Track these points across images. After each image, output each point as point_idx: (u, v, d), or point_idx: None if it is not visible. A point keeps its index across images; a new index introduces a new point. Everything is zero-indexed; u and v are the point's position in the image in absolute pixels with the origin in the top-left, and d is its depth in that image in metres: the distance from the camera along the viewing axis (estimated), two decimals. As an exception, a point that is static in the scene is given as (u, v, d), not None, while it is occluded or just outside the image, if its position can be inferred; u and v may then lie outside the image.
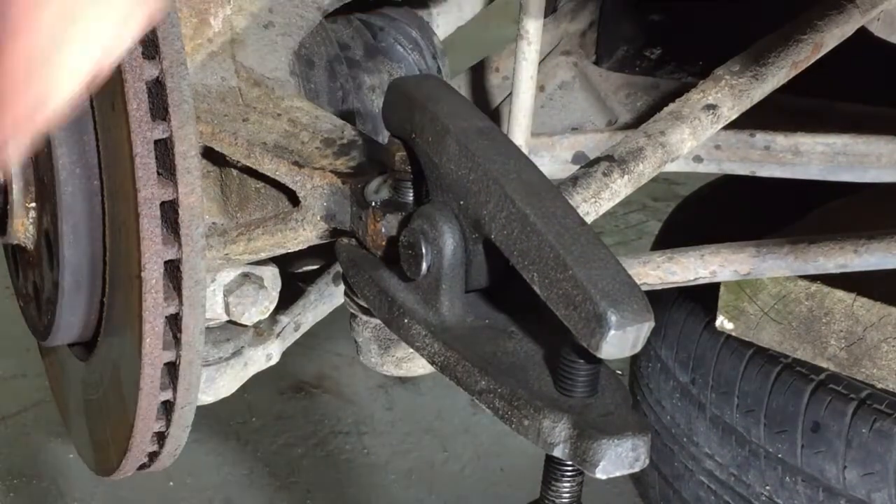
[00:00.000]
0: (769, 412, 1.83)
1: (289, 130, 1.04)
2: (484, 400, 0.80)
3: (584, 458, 0.74)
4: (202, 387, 1.03)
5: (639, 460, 0.74)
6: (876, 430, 1.71)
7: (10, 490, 2.60)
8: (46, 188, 0.95)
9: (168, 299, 0.87)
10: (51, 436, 2.71)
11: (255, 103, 1.05)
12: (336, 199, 1.01)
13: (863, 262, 1.38)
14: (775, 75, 1.24)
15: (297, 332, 1.25)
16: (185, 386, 0.91)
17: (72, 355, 1.07)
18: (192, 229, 0.86)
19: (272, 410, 2.89)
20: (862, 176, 1.38)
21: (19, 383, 2.91)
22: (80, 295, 0.96)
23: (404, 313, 0.88)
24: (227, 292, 1.08)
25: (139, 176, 0.84)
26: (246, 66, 1.07)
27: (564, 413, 0.75)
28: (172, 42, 0.84)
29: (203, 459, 2.67)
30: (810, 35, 1.25)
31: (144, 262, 0.85)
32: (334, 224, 1.02)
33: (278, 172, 1.02)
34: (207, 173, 1.08)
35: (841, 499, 1.77)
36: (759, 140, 1.35)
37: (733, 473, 1.93)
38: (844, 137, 1.37)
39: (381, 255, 0.95)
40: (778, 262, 1.39)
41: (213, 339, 1.14)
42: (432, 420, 2.84)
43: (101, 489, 2.53)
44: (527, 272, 0.78)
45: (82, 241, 0.93)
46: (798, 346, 1.70)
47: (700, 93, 1.23)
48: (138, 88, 0.83)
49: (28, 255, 1.03)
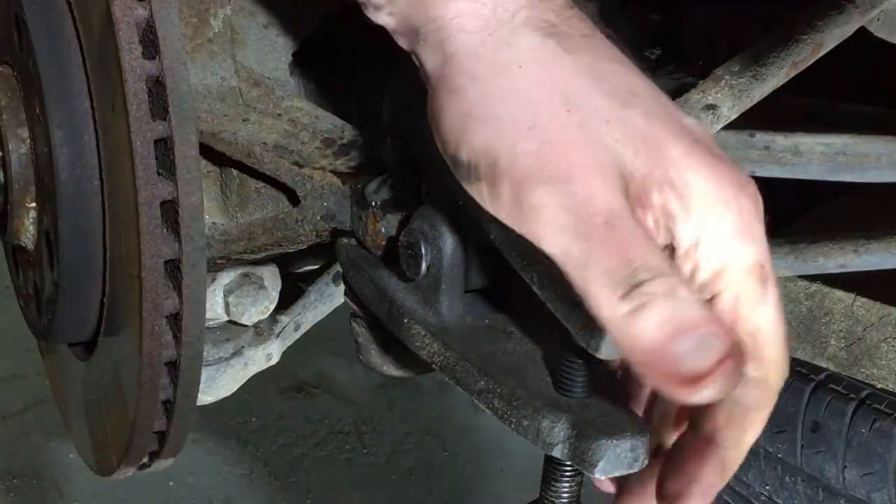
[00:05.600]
0: (769, 412, 1.82)
1: (289, 130, 1.04)
2: (483, 400, 0.80)
3: (582, 458, 0.74)
4: (202, 387, 1.03)
5: (637, 460, 0.74)
6: (876, 429, 1.71)
7: (10, 490, 2.60)
8: (46, 188, 0.95)
9: (168, 299, 0.87)
10: (51, 436, 2.72)
11: (255, 103, 1.05)
12: (336, 199, 1.02)
13: (863, 262, 1.38)
14: (775, 75, 1.24)
15: (297, 332, 1.25)
16: (185, 386, 0.91)
17: (72, 355, 1.07)
18: (193, 229, 0.85)
19: (272, 410, 2.90)
20: (862, 176, 1.38)
21: (19, 383, 2.91)
22: (80, 295, 0.96)
23: (404, 313, 0.89)
24: (227, 292, 1.08)
25: (139, 176, 0.84)
26: (246, 66, 1.07)
27: (563, 413, 0.75)
28: (172, 42, 0.84)
29: (203, 459, 2.67)
30: (810, 35, 1.25)
31: (144, 262, 0.85)
32: (334, 224, 1.02)
33: (278, 172, 1.02)
34: (207, 173, 1.08)
35: (841, 498, 1.77)
36: (758, 140, 1.35)
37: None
38: (844, 137, 1.37)
39: (381, 255, 0.95)
40: (778, 262, 1.39)
41: (213, 339, 1.14)
42: (432, 420, 2.84)
43: (101, 489, 2.54)
44: (526, 272, 0.78)
45: (82, 241, 0.93)
46: (798, 346, 1.70)
47: (700, 93, 1.23)
48: (138, 88, 0.83)
49: (28, 255, 1.03)
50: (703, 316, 0.68)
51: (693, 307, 0.68)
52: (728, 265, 0.74)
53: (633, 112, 0.73)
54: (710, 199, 0.73)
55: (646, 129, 0.73)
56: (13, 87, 0.99)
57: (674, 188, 0.73)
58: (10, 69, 1.00)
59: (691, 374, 0.66)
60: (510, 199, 0.72)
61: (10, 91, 0.99)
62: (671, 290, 0.67)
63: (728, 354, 0.67)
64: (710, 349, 0.67)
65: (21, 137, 0.97)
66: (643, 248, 0.69)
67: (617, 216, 0.70)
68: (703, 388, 0.67)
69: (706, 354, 0.66)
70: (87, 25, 0.90)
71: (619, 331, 0.68)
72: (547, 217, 0.70)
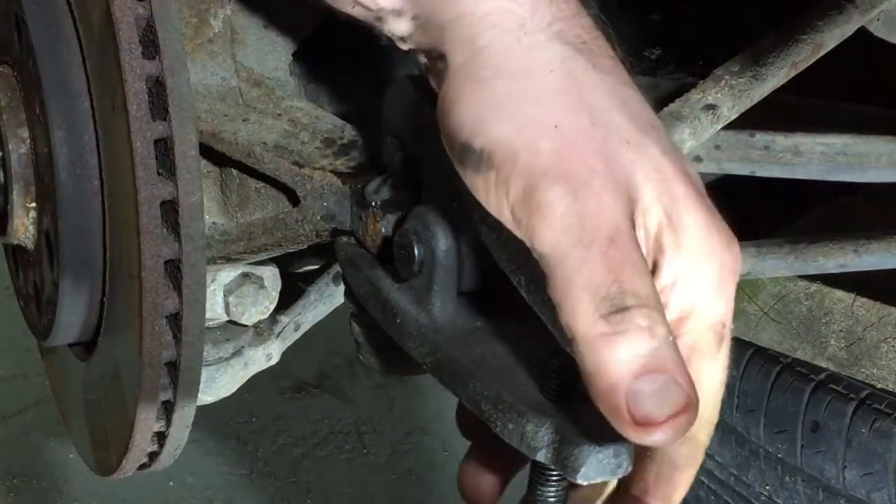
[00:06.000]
0: (769, 412, 1.83)
1: (289, 130, 1.04)
2: (471, 402, 0.80)
3: (565, 463, 0.73)
4: (202, 387, 1.03)
5: (621, 467, 0.73)
6: (876, 429, 1.71)
7: (10, 490, 2.60)
8: (46, 188, 0.95)
9: (168, 299, 0.87)
10: (51, 436, 2.72)
11: (255, 103, 1.05)
12: (336, 199, 1.02)
13: (863, 262, 1.38)
14: (775, 75, 1.24)
15: (297, 332, 1.25)
16: (185, 386, 0.91)
17: (72, 355, 1.07)
18: (193, 229, 0.85)
19: (272, 410, 2.90)
20: (862, 176, 1.38)
21: (19, 383, 2.91)
22: (80, 295, 0.96)
23: (397, 313, 0.89)
24: (227, 292, 1.08)
25: (139, 176, 0.84)
26: (246, 66, 1.07)
27: (547, 418, 0.75)
28: (172, 42, 0.84)
29: (203, 459, 2.67)
30: (810, 35, 1.26)
31: (144, 262, 0.85)
32: (334, 224, 1.03)
33: (278, 172, 1.02)
34: (207, 173, 1.08)
35: (840, 498, 1.77)
36: (758, 140, 1.34)
37: (733, 473, 1.94)
38: (844, 137, 1.37)
39: (378, 254, 0.95)
40: (778, 262, 1.39)
41: (213, 339, 1.14)
42: (432, 420, 2.84)
43: (101, 489, 2.54)
44: (514, 276, 0.78)
45: (82, 241, 0.93)
46: (798, 346, 1.70)
47: (700, 93, 1.23)
48: (138, 88, 0.83)
49: (28, 255, 1.03)
50: (673, 361, 0.68)
51: (667, 350, 0.68)
52: (694, 313, 0.75)
53: (650, 141, 0.74)
54: (700, 246, 0.74)
55: (659, 161, 0.74)
56: (13, 87, 0.99)
57: (671, 223, 0.73)
58: (10, 69, 1.00)
59: (644, 418, 0.67)
60: (521, 192, 0.72)
61: (10, 91, 0.99)
62: (652, 326, 0.68)
63: (685, 408, 0.67)
64: (670, 398, 0.67)
65: (21, 137, 0.97)
66: (637, 274, 0.69)
67: (621, 234, 0.70)
68: (651, 433, 0.67)
69: (664, 403, 0.67)
70: (87, 25, 0.90)
71: (588, 348, 0.68)
72: (554, 216, 0.71)
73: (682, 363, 0.68)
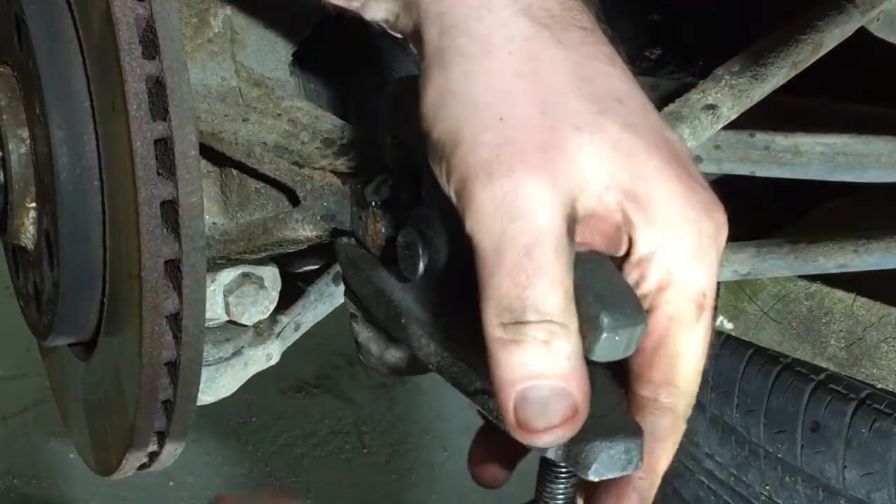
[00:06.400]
0: (769, 412, 1.83)
1: (289, 130, 1.04)
2: (478, 401, 0.80)
3: (575, 459, 0.73)
4: (202, 387, 1.03)
5: (632, 463, 0.74)
6: (876, 430, 1.71)
7: (10, 490, 2.60)
8: (46, 188, 0.95)
9: (168, 299, 0.87)
10: (51, 436, 2.72)
11: (255, 103, 1.05)
12: (336, 199, 1.01)
13: (863, 262, 1.38)
14: (775, 75, 1.24)
15: (297, 332, 1.25)
16: (185, 386, 0.91)
17: (72, 355, 1.07)
18: (193, 229, 0.85)
19: (272, 410, 2.90)
20: (862, 176, 1.39)
21: (19, 383, 2.91)
22: (80, 295, 0.96)
23: (401, 313, 0.89)
24: (227, 292, 1.08)
25: (139, 176, 0.84)
26: (246, 66, 1.07)
27: None
28: (172, 42, 0.84)
29: (203, 459, 2.67)
30: (810, 35, 1.26)
31: (144, 262, 0.85)
32: (334, 224, 1.03)
33: (278, 172, 1.02)
34: (207, 173, 1.08)
35: (840, 498, 1.77)
36: (758, 140, 1.35)
37: (733, 473, 1.94)
38: (844, 137, 1.37)
39: (380, 254, 0.95)
40: (778, 262, 1.39)
41: (213, 339, 1.14)
42: (432, 420, 2.84)
43: (101, 489, 2.54)
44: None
45: (82, 241, 0.93)
46: (798, 346, 1.70)
47: (700, 93, 1.23)
48: (138, 88, 0.83)
49: (28, 255, 1.03)
50: (563, 374, 0.70)
51: (558, 363, 0.70)
52: (672, 283, 0.75)
53: (609, 119, 0.73)
54: (673, 216, 0.73)
55: (618, 137, 0.73)
56: (13, 87, 0.99)
57: (636, 198, 0.73)
58: (10, 69, 1.00)
59: (525, 423, 0.70)
60: (457, 185, 0.73)
61: (10, 91, 0.99)
62: (548, 340, 0.69)
63: (568, 419, 0.70)
64: (553, 408, 0.70)
65: (21, 137, 0.97)
66: (544, 289, 0.70)
67: (541, 243, 0.70)
68: (530, 437, 0.70)
69: (546, 412, 0.70)
70: (87, 25, 0.90)
71: (489, 347, 0.71)
72: (481, 216, 0.71)
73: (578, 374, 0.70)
